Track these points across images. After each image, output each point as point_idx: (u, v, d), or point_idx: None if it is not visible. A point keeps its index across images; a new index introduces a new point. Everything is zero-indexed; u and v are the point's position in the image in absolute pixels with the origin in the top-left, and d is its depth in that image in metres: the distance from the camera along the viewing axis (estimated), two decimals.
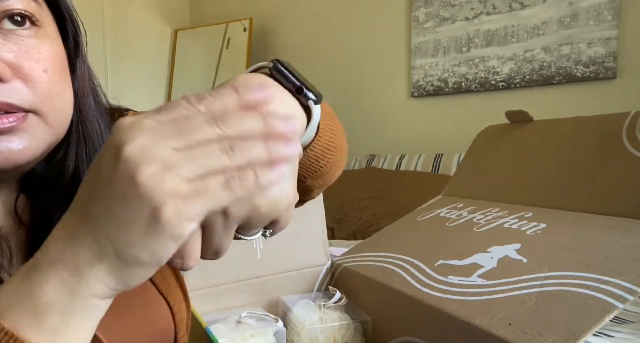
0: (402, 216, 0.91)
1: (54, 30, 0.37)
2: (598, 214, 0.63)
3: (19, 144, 0.33)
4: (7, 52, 0.32)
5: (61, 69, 0.36)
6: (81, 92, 0.40)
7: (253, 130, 0.24)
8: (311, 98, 0.32)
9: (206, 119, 0.24)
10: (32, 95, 0.33)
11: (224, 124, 0.24)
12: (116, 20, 2.61)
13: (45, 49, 0.35)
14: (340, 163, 0.42)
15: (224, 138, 0.24)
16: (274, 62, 0.32)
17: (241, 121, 0.24)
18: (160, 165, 0.22)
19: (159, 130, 0.23)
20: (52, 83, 0.35)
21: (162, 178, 0.22)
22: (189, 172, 0.23)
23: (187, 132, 0.23)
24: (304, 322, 0.70)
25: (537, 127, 0.86)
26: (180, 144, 0.23)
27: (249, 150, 0.24)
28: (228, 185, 0.23)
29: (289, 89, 0.31)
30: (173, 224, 0.22)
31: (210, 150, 0.23)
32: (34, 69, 0.34)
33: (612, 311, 0.43)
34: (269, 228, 0.27)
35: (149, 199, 0.22)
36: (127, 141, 0.22)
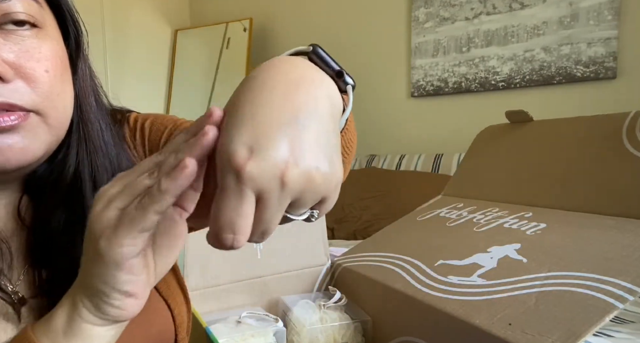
0: (402, 216, 0.91)
1: (55, 30, 0.37)
2: (598, 214, 0.63)
3: (20, 142, 0.33)
4: (8, 52, 0.32)
5: (62, 69, 0.36)
6: (82, 93, 0.40)
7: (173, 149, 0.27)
8: (349, 83, 0.33)
9: (149, 159, 0.28)
10: (34, 95, 0.33)
11: (157, 156, 0.28)
12: (116, 20, 2.61)
13: (46, 49, 0.35)
14: (347, 167, 0.44)
15: (152, 167, 0.27)
16: (314, 47, 0.33)
17: (167, 147, 0.28)
18: (105, 202, 0.27)
19: (116, 178, 0.29)
20: (53, 83, 0.35)
21: (102, 213, 0.27)
22: (121, 203, 0.27)
23: (132, 172, 0.28)
24: (304, 322, 0.70)
25: (537, 127, 0.86)
26: (122, 184, 0.28)
27: (165, 166, 0.26)
28: (139, 205, 0.26)
29: (328, 73, 0.32)
30: (108, 252, 0.26)
31: (139, 180, 0.27)
32: (35, 69, 0.34)
33: (612, 311, 0.43)
34: (316, 209, 0.28)
35: (93, 234, 0.27)
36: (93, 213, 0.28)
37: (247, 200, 0.24)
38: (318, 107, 0.27)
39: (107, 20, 2.56)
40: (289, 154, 0.25)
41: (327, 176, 0.26)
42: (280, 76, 0.28)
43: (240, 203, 0.24)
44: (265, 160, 0.24)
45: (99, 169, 0.40)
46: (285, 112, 0.26)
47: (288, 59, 0.31)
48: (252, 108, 0.26)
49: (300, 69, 0.30)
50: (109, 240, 0.26)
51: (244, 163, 0.24)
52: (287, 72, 0.29)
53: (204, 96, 2.74)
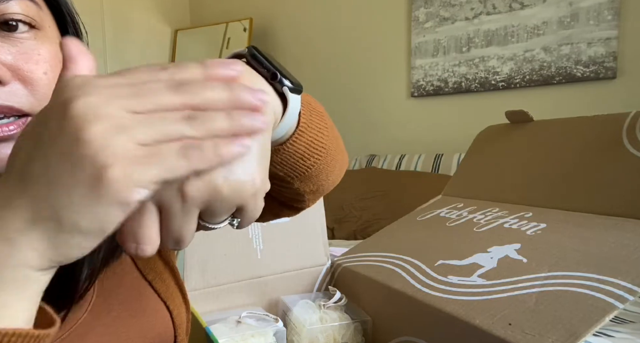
0: (402, 216, 0.91)
1: (55, 31, 0.36)
2: (598, 214, 0.63)
3: None
4: (6, 54, 0.32)
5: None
6: None
7: (216, 100, 0.23)
8: (286, 84, 0.31)
9: (168, 85, 0.22)
10: (32, 98, 0.33)
11: (186, 91, 0.22)
12: (116, 20, 2.61)
13: (45, 50, 0.34)
14: (332, 167, 0.41)
15: (184, 106, 0.22)
16: (249, 48, 0.31)
17: (204, 90, 0.23)
18: (112, 124, 0.20)
19: (115, 90, 0.22)
20: (52, 85, 0.34)
21: (112, 138, 0.20)
22: (144, 135, 0.21)
23: (145, 95, 0.22)
24: (304, 322, 0.70)
25: (537, 127, 0.86)
26: (136, 106, 0.21)
27: (210, 120, 0.22)
28: (185, 153, 0.21)
29: (263, 75, 0.30)
30: (119, 188, 0.20)
31: (169, 115, 0.22)
32: (34, 71, 0.33)
33: (612, 311, 0.43)
34: (236, 217, 0.26)
35: (93, 158, 0.20)
36: (77, 97, 0.21)
37: (146, 211, 0.22)
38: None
39: (107, 20, 2.56)
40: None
41: (238, 185, 0.23)
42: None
43: (139, 214, 0.22)
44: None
45: None
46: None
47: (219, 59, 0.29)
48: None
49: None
50: (127, 175, 0.20)
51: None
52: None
53: None
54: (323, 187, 0.42)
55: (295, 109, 0.33)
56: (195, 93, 0.23)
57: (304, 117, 0.35)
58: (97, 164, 0.20)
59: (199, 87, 0.23)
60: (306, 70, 2.53)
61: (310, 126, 0.36)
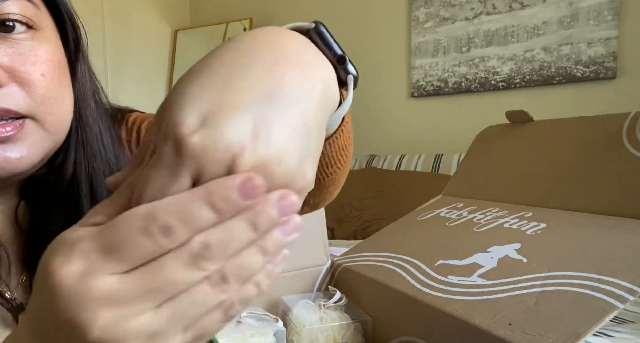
0: (402, 216, 0.91)
1: (53, 32, 0.36)
2: (598, 214, 0.63)
3: (17, 152, 0.32)
4: (2, 55, 0.31)
5: (60, 72, 0.35)
6: (82, 96, 0.39)
7: (244, 245, 0.19)
8: (352, 72, 0.28)
9: (182, 261, 0.18)
10: (29, 99, 0.32)
11: (207, 259, 0.18)
12: (116, 20, 2.61)
13: (42, 52, 0.33)
14: (342, 179, 0.40)
15: (211, 275, 0.19)
16: (317, 24, 0.28)
17: (229, 246, 0.19)
18: (146, 338, 0.18)
19: (125, 291, 0.18)
20: (50, 87, 0.33)
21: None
22: (181, 328, 0.19)
23: (162, 284, 0.18)
24: (304, 322, 0.70)
25: (537, 127, 0.86)
26: (160, 300, 0.18)
27: (244, 269, 0.19)
28: (227, 317, 0.20)
29: (329, 57, 0.27)
30: None
31: (199, 295, 0.19)
32: (31, 72, 0.32)
33: (612, 311, 0.43)
34: None
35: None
36: (90, 322, 0.17)
37: (179, 181, 0.19)
38: (309, 91, 0.22)
39: (107, 20, 2.56)
40: (249, 136, 0.19)
41: (290, 174, 0.21)
42: (273, 45, 0.23)
43: (170, 182, 0.19)
44: (217, 137, 0.19)
45: (97, 173, 0.39)
46: (266, 85, 0.21)
47: (286, 31, 0.26)
48: (228, 69, 0.21)
49: (298, 44, 0.25)
50: None
51: (189, 134, 0.19)
52: (282, 43, 0.24)
53: None
54: (325, 201, 0.42)
55: (349, 101, 0.29)
56: (218, 257, 0.19)
57: (346, 116, 0.33)
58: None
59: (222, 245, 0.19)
60: None
61: (347, 127, 0.34)
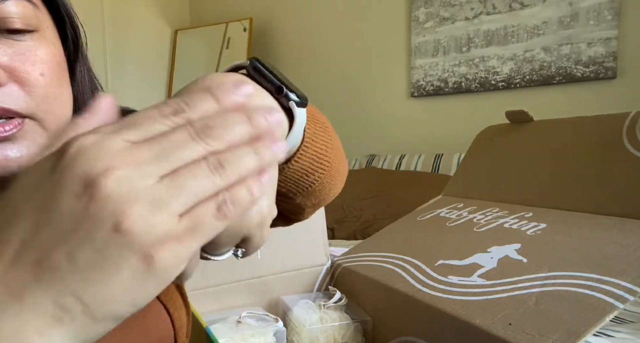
0: (402, 216, 0.91)
1: (53, 32, 0.36)
2: (598, 214, 0.63)
3: (17, 152, 0.32)
4: (2, 55, 0.31)
5: (59, 72, 0.35)
6: (81, 96, 0.39)
7: (240, 139, 0.21)
8: (292, 99, 0.29)
9: (188, 134, 0.20)
10: (29, 99, 0.32)
11: (208, 136, 0.21)
12: (116, 20, 2.61)
13: (42, 51, 0.33)
14: (335, 180, 0.40)
15: (211, 153, 0.20)
16: (252, 61, 0.29)
17: (226, 129, 0.21)
18: (148, 202, 0.18)
19: (136, 154, 0.19)
20: (49, 87, 0.33)
21: (153, 220, 0.18)
22: (181, 205, 0.19)
23: (169, 152, 0.20)
24: (304, 322, 0.70)
25: (537, 127, 0.86)
26: (165, 170, 0.19)
27: (239, 163, 0.21)
28: (221, 214, 0.20)
29: (268, 89, 0.29)
30: (167, 271, 0.19)
31: (199, 171, 0.20)
32: (30, 72, 0.32)
33: (612, 311, 0.43)
34: (241, 247, 0.24)
35: (138, 246, 0.18)
36: (101, 173, 0.18)
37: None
38: None
39: (107, 20, 2.56)
40: None
41: (249, 218, 0.22)
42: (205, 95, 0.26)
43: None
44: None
45: None
46: None
47: (219, 75, 0.27)
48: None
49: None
50: (175, 256, 0.19)
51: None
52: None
53: None
54: (325, 200, 0.41)
55: (301, 124, 0.31)
56: (219, 137, 0.21)
57: (309, 131, 0.34)
58: (142, 252, 0.18)
59: (221, 128, 0.21)
60: (306, 70, 2.53)
61: (314, 140, 0.34)
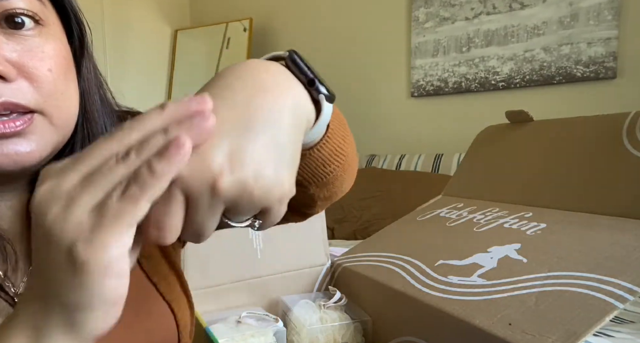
0: (402, 216, 0.91)
1: (59, 29, 0.37)
2: (598, 214, 0.63)
3: (27, 146, 0.33)
4: (10, 51, 0.32)
5: (66, 68, 0.36)
6: (87, 91, 0.40)
7: (151, 129, 0.23)
8: (323, 92, 0.32)
9: (106, 143, 0.23)
10: (37, 94, 0.33)
11: (122, 138, 0.23)
12: (116, 20, 2.61)
13: (49, 48, 0.34)
14: (348, 174, 0.41)
15: (121, 150, 0.23)
16: (290, 52, 0.32)
17: (138, 127, 0.23)
18: (63, 202, 0.22)
19: (67, 167, 0.23)
20: (56, 82, 0.35)
21: (67, 215, 0.21)
22: (91, 199, 0.22)
23: (84, 159, 0.23)
24: (304, 322, 0.70)
25: (537, 127, 0.86)
26: (80, 175, 0.22)
27: (146, 146, 0.22)
28: (125, 196, 0.22)
29: (301, 80, 0.31)
30: (91, 259, 0.21)
31: (106, 167, 0.22)
32: (38, 68, 0.33)
33: (612, 311, 0.43)
34: (259, 219, 0.27)
35: (60, 240, 0.21)
36: (37, 187, 0.22)
37: (173, 200, 0.23)
38: (278, 115, 0.27)
39: (107, 20, 2.56)
40: (227, 160, 0.24)
41: (267, 188, 0.24)
42: (248, 79, 0.28)
43: (167, 202, 0.23)
44: (198, 163, 0.23)
45: None
46: (241, 118, 0.26)
47: (261, 62, 0.30)
48: (228, 105, 0.26)
49: (270, 74, 0.29)
50: (90, 244, 0.21)
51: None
52: (255, 76, 0.28)
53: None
54: (336, 194, 0.43)
55: (327, 116, 0.33)
56: (129, 133, 0.23)
57: (332, 124, 0.36)
58: (65, 244, 0.21)
59: (134, 127, 0.23)
60: None
61: (335, 133, 0.37)
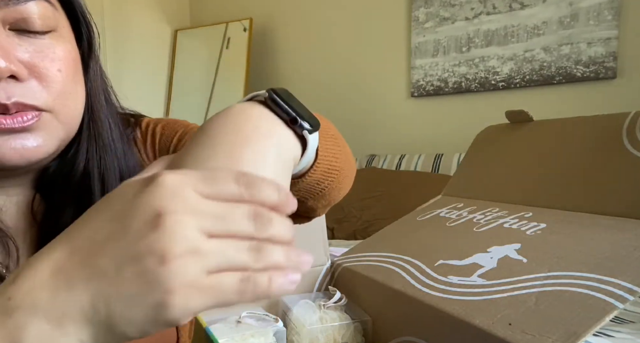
0: (402, 216, 0.91)
1: (69, 31, 0.38)
2: (598, 214, 0.63)
3: (34, 141, 0.34)
4: (23, 52, 0.34)
5: (74, 69, 0.38)
6: (93, 92, 0.41)
7: (280, 236, 0.24)
8: (306, 128, 0.32)
9: (248, 212, 0.24)
10: (46, 94, 0.35)
11: (261, 223, 0.24)
12: (116, 20, 2.61)
13: (59, 49, 0.36)
14: (343, 184, 0.42)
15: (254, 237, 0.24)
16: (269, 92, 0.32)
17: (272, 225, 0.24)
18: (190, 250, 0.21)
19: (202, 208, 0.23)
20: (65, 82, 0.36)
21: (186, 265, 0.21)
22: (214, 263, 0.22)
23: (227, 219, 0.23)
24: (304, 322, 0.70)
25: (537, 127, 0.86)
26: (216, 230, 0.23)
27: (271, 254, 0.23)
28: (241, 288, 0.22)
29: (283, 119, 0.31)
30: (175, 314, 0.21)
31: (240, 245, 0.23)
32: (49, 68, 0.35)
33: (612, 311, 0.43)
34: None
35: (165, 282, 0.21)
36: (170, 211, 0.22)
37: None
38: (264, 162, 0.28)
39: (107, 20, 2.56)
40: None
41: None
42: (229, 131, 0.29)
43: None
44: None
45: (108, 165, 0.41)
46: (241, 163, 0.27)
47: (241, 110, 0.31)
48: (194, 164, 0.27)
49: (251, 123, 0.30)
50: (186, 301, 0.21)
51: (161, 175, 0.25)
52: (235, 127, 0.29)
53: (204, 96, 2.74)
54: (335, 200, 0.44)
55: (314, 147, 0.34)
56: (269, 228, 0.24)
57: (321, 149, 0.36)
58: (165, 287, 0.21)
59: (270, 222, 0.24)
60: (306, 70, 2.53)
61: (325, 155, 0.37)
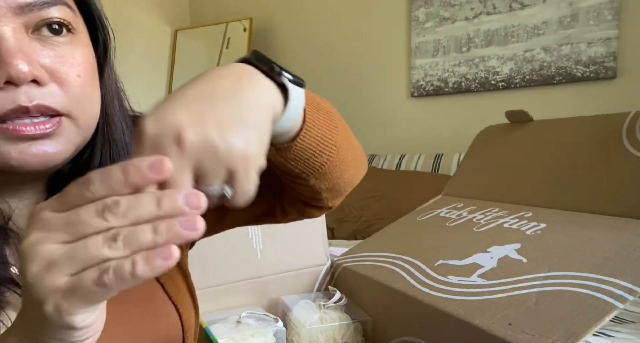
0: (402, 216, 0.91)
1: (86, 36, 0.39)
2: (598, 214, 0.63)
3: (54, 148, 0.35)
4: (45, 57, 0.34)
5: (92, 73, 0.38)
6: (108, 96, 0.42)
7: (143, 217, 0.23)
8: (286, 76, 0.33)
9: (95, 210, 0.23)
10: (66, 98, 0.35)
11: (112, 213, 0.23)
12: (116, 20, 2.59)
13: (79, 54, 0.37)
14: (345, 165, 0.42)
15: (110, 228, 0.23)
16: (253, 50, 0.34)
17: (131, 209, 0.23)
18: (44, 261, 0.23)
19: (51, 223, 0.24)
20: (84, 87, 0.36)
21: (43, 277, 0.23)
22: (69, 267, 0.23)
23: (74, 224, 0.24)
24: (304, 322, 0.70)
25: (537, 127, 0.86)
26: (66, 237, 0.24)
27: (135, 238, 0.23)
28: (100, 280, 0.22)
29: (263, 70, 0.32)
30: (57, 319, 0.23)
31: (92, 242, 0.23)
32: (69, 73, 0.35)
33: (612, 311, 0.43)
34: (230, 185, 0.27)
35: (34, 296, 0.23)
36: (28, 239, 0.24)
37: (144, 154, 0.25)
38: (240, 93, 0.29)
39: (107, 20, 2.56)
40: (191, 119, 0.26)
41: (231, 144, 0.26)
42: (207, 77, 0.30)
43: (138, 154, 0.25)
44: (163, 120, 0.26)
45: None
46: (202, 92, 0.28)
47: (223, 66, 0.32)
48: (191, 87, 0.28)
49: (229, 70, 0.31)
50: (57, 308, 0.23)
51: (145, 123, 0.26)
52: (214, 73, 0.31)
53: None
54: (339, 185, 0.43)
55: (298, 100, 0.34)
56: (121, 214, 0.23)
57: (309, 113, 0.36)
58: (36, 300, 0.23)
59: (126, 207, 0.23)
60: (306, 70, 2.52)
61: (317, 123, 0.37)
